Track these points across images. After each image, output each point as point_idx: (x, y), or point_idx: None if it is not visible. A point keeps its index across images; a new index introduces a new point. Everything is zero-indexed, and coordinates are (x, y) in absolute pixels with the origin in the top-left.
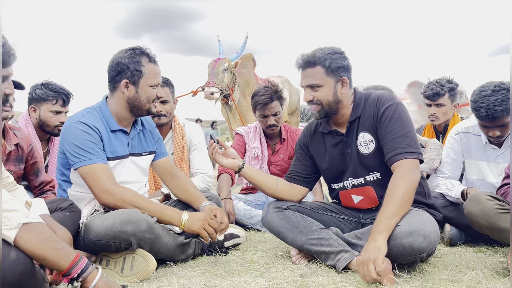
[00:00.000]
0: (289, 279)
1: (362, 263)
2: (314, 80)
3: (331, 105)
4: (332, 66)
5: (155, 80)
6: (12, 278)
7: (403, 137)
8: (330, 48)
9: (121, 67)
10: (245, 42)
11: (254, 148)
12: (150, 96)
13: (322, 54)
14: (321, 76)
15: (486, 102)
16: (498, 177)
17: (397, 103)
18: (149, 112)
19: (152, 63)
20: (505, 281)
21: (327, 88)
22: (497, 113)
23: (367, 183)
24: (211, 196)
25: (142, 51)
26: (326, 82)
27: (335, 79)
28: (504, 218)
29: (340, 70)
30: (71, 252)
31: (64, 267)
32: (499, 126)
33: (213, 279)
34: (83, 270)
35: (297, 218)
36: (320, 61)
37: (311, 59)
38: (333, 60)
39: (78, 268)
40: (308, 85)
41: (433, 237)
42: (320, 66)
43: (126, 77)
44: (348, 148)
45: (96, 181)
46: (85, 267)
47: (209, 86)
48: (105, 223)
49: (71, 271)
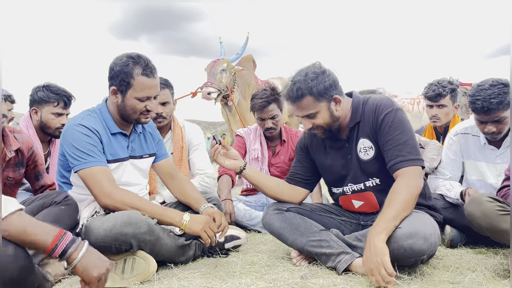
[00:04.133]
0: (290, 281)
1: (372, 270)
2: (308, 110)
3: (332, 124)
4: (320, 90)
5: (142, 93)
6: (13, 274)
7: (404, 144)
8: (311, 71)
9: (112, 73)
10: (245, 43)
11: (254, 150)
12: (136, 108)
13: (305, 83)
14: (313, 104)
15: (483, 95)
16: (497, 178)
17: (396, 109)
18: (138, 122)
19: (144, 76)
20: (506, 283)
21: (323, 112)
22: (492, 105)
23: (367, 188)
24: (211, 198)
25: (137, 61)
26: (320, 107)
27: (327, 101)
28: (505, 220)
29: (328, 91)
30: (53, 229)
31: (48, 243)
32: (495, 121)
33: (213, 281)
34: (68, 247)
35: (298, 220)
36: (306, 91)
37: (297, 92)
38: (318, 84)
39: (62, 244)
40: (304, 116)
41: (433, 239)
42: (308, 95)
43: (115, 84)
44: (349, 154)
45: (96, 183)
46: (70, 243)
47: (206, 86)
48: (105, 225)
49: (55, 249)
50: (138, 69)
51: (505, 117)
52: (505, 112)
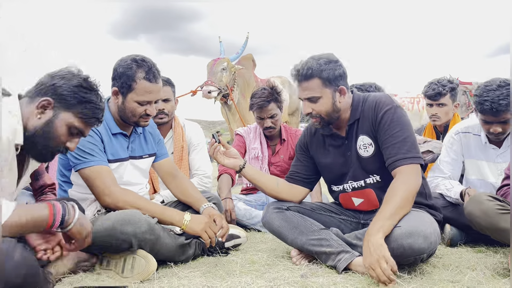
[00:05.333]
0: (290, 280)
1: (372, 265)
2: (312, 93)
3: (331, 115)
4: (329, 76)
5: (143, 97)
6: (16, 280)
7: (403, 142)
8: (325, 57)
9: (115, 74)
10: (245, 42)
11: (254, 149)
12: (135, 112)
13: (317, 65)
14: (319, 88)
15: (491, 96)
16: (497, 177)
17: (395, 106)
18: (137, 125)
19: (146, 81)
20: (505, 282)
21: (326, 99)
22: (501, 107)
23: (367, 185)
24: (211, 197)
25: (141, 65)
26: (324, 93)
27: (333, 89)
28: (505, 219)
29: (337, 80)
30: (42, 206)
31: (47, 220)
32: (501, 122)
33: (213, 280)
34: (64, 215)
35: (298, 219)
36: (316, 73)
37: (307, 71)
38: (329, 70)
39: (58, 215)
40: (307, 98)
41: (433, 238)
42: (317, 78)
43: (116, 86)
44: (349, 151)
45: (97, 182)
46: (63, 211)
47: (207, 85)
48: (106, 223)
49: (54, 222)
50: (141, 73)
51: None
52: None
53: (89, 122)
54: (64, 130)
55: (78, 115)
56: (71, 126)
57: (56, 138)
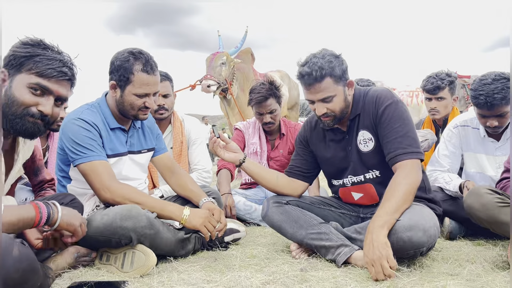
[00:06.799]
0: (289, 274)
1: (373, 261)
2: (327, 93)
3: (343, 111)
4: (339, 72)
5: (141, 90)
6: (15, 275)
7: (404, 137)
8: (328, 53)
9: (113, 67)
10: (244, 36)
11: (253, 144)
12: (134, 104)
13: (327, 63)
14: (332, 86)
15: (486, 90)
16: (496, 170)
17: (396, 101)
18: (136, 118)
19: (144, 73)
20: (505, 275)
21: (339, 96)
22: (496, 100)
23: (367, 180)
24: (211, 192)
25: (138, 57)
26: (338, 91)
27: (343, 84)
28: (504, 212)
29: (345, 73)
30: (26, 206)
31: (34, 218)
32: (497, 115)
33: (213, 274)
34: (49, 212)
35: (297, 213)
36: (328, 71)
37: (321, 72)
38: (338, 66)
39: (44, 212)
40: (320, 100)
41: (432, 231)
42: (329, 76)
43: (114, 79)
44: (349, 145)
45: (96, 177)
46: (47, 208)
47: (206, 79)
48: (105, 219)
49: (41, 219)
50: (138, 65)
51: (507, 111)
52: (508, 107)
53: (47, 76)
54: (24, 92)
55: (32, 72)
56: (30, 86)
57: (20, 103)
